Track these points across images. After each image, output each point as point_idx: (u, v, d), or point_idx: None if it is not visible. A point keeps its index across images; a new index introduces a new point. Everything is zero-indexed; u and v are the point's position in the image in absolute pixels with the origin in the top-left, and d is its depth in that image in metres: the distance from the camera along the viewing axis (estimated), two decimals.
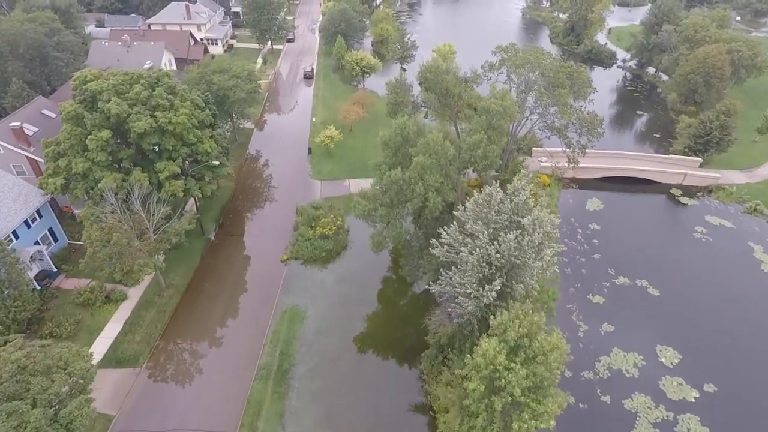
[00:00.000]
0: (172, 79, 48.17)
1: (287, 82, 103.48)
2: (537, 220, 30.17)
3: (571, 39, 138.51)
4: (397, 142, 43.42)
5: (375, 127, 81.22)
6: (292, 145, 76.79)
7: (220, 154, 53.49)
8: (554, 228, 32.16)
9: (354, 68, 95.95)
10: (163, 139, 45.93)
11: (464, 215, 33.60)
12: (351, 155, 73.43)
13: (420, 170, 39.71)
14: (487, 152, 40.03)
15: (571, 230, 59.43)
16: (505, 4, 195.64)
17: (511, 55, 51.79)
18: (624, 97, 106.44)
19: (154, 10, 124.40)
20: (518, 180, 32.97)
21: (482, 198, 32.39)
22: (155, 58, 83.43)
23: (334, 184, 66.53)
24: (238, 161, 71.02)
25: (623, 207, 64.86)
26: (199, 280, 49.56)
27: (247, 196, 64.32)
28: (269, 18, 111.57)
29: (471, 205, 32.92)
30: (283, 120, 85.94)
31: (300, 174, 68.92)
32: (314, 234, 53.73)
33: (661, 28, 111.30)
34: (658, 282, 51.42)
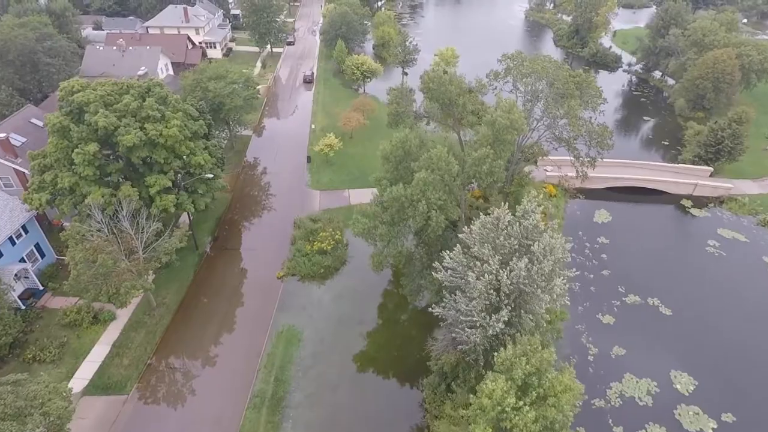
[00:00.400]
0: (164, 89, 46.19)
1: (287, 87, 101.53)
2: (548, 246, 28.08)
3: (576, 42, 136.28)
4: (398, 155, 41.37)
5: (376, 135, 79.47)
6: (291, 152, 74.78)
7: (214, 165, 51.50)
8: (566, 253, 30.06)
9: (354, 73, 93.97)
10: (154, 152, 43.95)
11: (470, 237, 31.53)
12: (351, 164, 71.42)
13: (422, 187, 37.63)
14: (493, 168, 37.95)
15: (579, 244, 57.28)
16: (507, 6, 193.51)
17: (517, 63, 49.67)
18: (630, 102, 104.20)
19: (152, 13, 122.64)
20: (528, 202, 30.91)
21: (490, 221, 30.34)
22: (151, 63, 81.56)
23: (334, 194, 64.50)
24: (235, 170, 69.05)
25: (632, 219, 62.71)
26: (192, 298, 47.54)
27: (243, 206, 62.31)
28: (269, 21, 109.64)
29: (477, 227, 30.87)
30: (282, 126, 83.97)
31: (298, 183, 66.89)
32: (312, 249, 51.70)
33: (668, 32, 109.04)
34: (670, 300, 49.26)
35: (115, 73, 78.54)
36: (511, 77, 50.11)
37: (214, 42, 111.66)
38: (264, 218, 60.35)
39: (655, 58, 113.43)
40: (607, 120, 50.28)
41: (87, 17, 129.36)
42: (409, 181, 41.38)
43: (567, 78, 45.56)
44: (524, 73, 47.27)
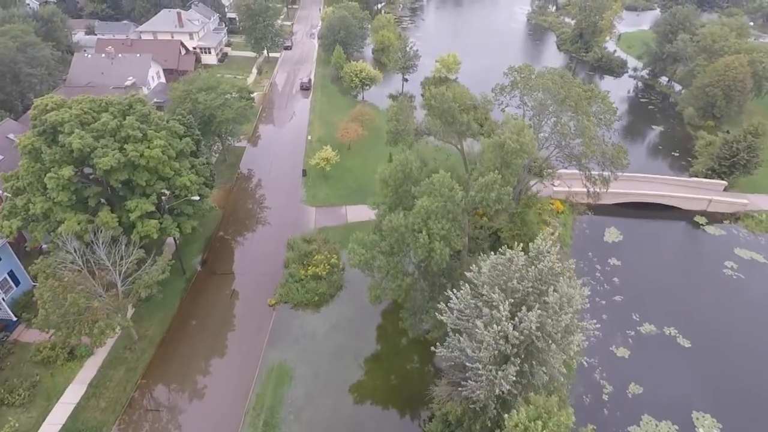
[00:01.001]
0: (146, 106, 43.05)
1: (283, 94, 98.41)
2: (565, 296, 24.98)
3: (580, 46, 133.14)
4: (398, 179, 38.29)
5: (375, 145, 76.33)
6: (286, 165, 71.63)
7: (203, 185, 48.41)
8: (584, 301, 26.94)
9: (353, 80, 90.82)
10: (135, 174, 40.85)
11: (478, 277, 28.42)
12: (348, 177, 68.29)
13: (424, 215, 34.54)
14: (501, 195, 34.83)
15: (589, 266, 54.18)
16: (509, 9, 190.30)
17: (524, 77, 46.51)
18: (637, 109, 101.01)
19: (146, 17, 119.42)
20: (542, 241, 27.83)
21: (501, 263, 27.24)
22: (141, 70, 78.48)
23: (330, 211, 61.38)
24: (227, 184, 65.92)
25: (644, 238, 59.55)
26: (177, 330, 44.42)
27: (235, 224, 59.19)
28: (265, 26, 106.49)
29: (487, 269, 27.75)
30: (278, 136, 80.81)
31: (293, 199, 63.74)
32: (306, 274, 48.58)
33: (676, 37, 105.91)
34: (688, 330, 46.15)
35: (103, 81, 75.57)
36: (518, 91, 46.93)
37: (208, 47, 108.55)
38: (256, 238, 57.19)
39: (662, 64, 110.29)
40: (614, 128, 47.04)
41: (79, 21, 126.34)
42: (409, 205, 38.39)
43: (580, 94, 42.43)
44: (532, 87, 44.12)
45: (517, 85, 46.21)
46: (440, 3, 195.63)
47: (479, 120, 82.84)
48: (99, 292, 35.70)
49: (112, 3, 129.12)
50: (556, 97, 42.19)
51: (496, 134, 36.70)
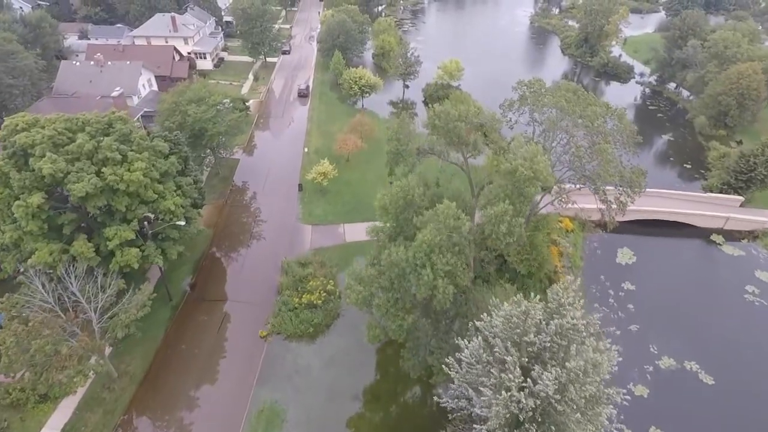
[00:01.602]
0: (128, 124, 39.88)
1: (280, 101, 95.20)
2: (590, 362, 21.81)
3: (585, 50, 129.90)
4: (399, 206, 35.14)
5: (374, 157, 73.13)
6: (282, 178, 68.43)
7: (191, 205, 45.33)
8: (613, 363, 23.75)
9: (352, 88, 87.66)
10: (114, 199, 37.73)
11: (490, 328, 25.25)
12: (347, 192, 65.12)
13: (427, 249, 31.37)
14: (512, 227, 31.70)
15: (601, 291, 51.03)
16: (511, 11, 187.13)
17: (534, 91, 43.32)
18: (646, 117, 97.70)
19: (140, 20, 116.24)
20: (563, 291, 24.63)
21: (516, 315, 24.08)
22: (131, 79, 75.36)
23: (327, 230, 58.21)
24: (219, 199, 62.76)
25: (659, 260, 56.36)
26: (161, 365, 41.26)
27: (226, 244, 56.01)
28: (262, 31, 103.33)
29: (501, 322, 24.59)
30: (273, 147, 77.56)
31: (288, 216, 60.56)
32: (300, 302, 45.40)
33: (685, 43, 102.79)
34: (710, 365, 42.98)
35: (91, 91, 72.46)
36: (528, 108, 43.71)
37: (204, 52, 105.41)
38: (249, 259, 53.97)
39: (671, 70, 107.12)
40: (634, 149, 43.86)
41: (72, 25, 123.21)
42: (411, 234, 35.27)
43: (596, 113, 39.23)
44: (544, 104, 40.92)
45: (527, 100, 43.00)
46: (441, 5, 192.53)
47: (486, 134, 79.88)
48: (73, 332, 32.53)
49: (106, 6, 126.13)
50: (570, 113, 39.00)
51: (507, 159, 33.48)
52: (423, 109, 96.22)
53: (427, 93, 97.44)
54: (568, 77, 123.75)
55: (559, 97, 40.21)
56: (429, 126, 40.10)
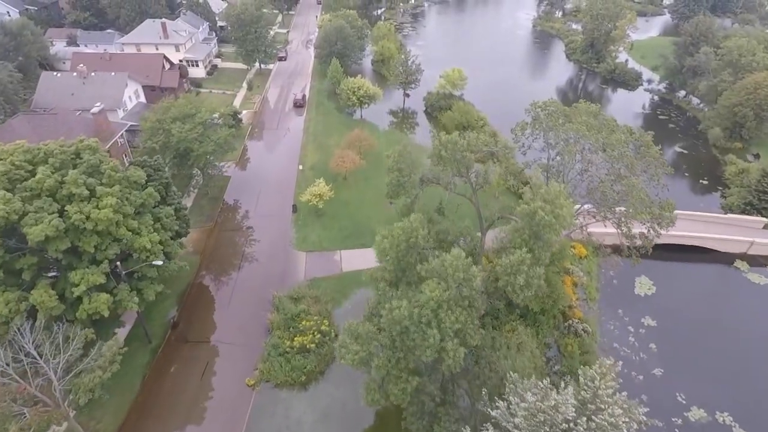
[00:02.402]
0: (97, 154, 35.72)
1: (275, 112, 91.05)
2: None
3: (591, 56, 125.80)
4: (401, 250, 31.05)
5: (374, 174, 69.06)
6: (275, 198, 64.28)
7: (173, 237, 41.24)
8: None
9: (350, 98, 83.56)
10: (82, 239, 33.61)
11: (507, 418, 21.14)
12: (344, 214, 60.99)
13: (434, 306, 27.31)
14: (530, 278, 27.67)
15: (620, 328, 46.94)
16: (513, 14, 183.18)
17: (550, 113, 39.23)
18: (656, 128, 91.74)
19: (131, 26, 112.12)
20: (600, 377, 20.48)
21: (544, 409, 19.99)
22: (116, 91, 71.19)
23: (323, 257, 54.07)
24: (207, 223, 58.62)
25: (680, 290, 52.28)
26: (137, 420, 37.13)
27: (214, 275, 51.87)
28: (257, 37, 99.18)
29: (523, 413, 20.52)
30: (267, 163, 73.33)
31: (281, 242, 56.43)
32: (292, 345, 41.26)
33: (697, 49, 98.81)
34: (745, 416, 38.93)
35: (73, 104, 68.33)
36: (541, 130, 39.63)
37: (196, 60, 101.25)
38: (237, 291, 49.80)
39: (681, 78, 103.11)
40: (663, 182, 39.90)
41: (61, 30, 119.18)
42: (414, 279, 31.23)
43: (622, 142, 35.19)
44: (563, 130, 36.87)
45: (541, 123, 38.95)
46: (442, 8, 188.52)
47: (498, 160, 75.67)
48: (31, 400, 28.39)
49: (95, 11, 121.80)
50: (592, 140, 35.00)
51: (525, 199, 29.44)
52: (424, 119, 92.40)
53: (428, 102, 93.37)
54: (573, 83, 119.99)
55: (579, 123, 36.13)
56: (435, 157, 35.96)
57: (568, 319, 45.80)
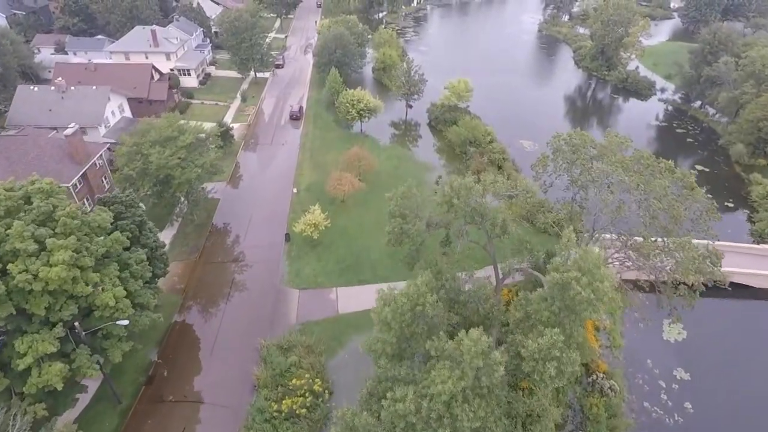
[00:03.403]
0: (51, 199, 30.70)
1: (270, 125, 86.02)
2: None
3: (601, 63, 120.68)
4: (405, 320, 26.01)
5: (374, 197, 63.88)
6: (267, 224, 59.28)
7: (146, 283, 36.25)
8: None
9: (350, 112, 78.51)
10: (30, 300, 28.62)
11: None
12: (341, 243, 55.95)
13: (447, 399, 22.28)
14: (563, 365, 22.61)
15: (650, 382, 41.83)
16: (518, 18, 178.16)
17: (575, 145, 34.15)
18: (673, 142, 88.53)
19: (122, 31, 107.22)
20: None
21: None
22: (97, 106, 66.24)
23: (317, 295, 49.03)
24: (192, 255, 53.63)
25: (713, 335, 47.21)
26: None
27: (196, 317, 46.84)
28: (252, 45, 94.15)
29: None
30: (259, 184, 68.22)
31: (272, 276, 51.41)
32: (280, 410, 36.22)
33: (716, 59, 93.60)
34: None
35: (50, 121, 63.63)
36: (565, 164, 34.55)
37: (187, 69, 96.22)
38: (222, 337, 44.74)
39: (699, 88, 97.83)
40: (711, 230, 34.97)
41: (49, 36, 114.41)
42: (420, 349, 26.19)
43: (665, 188, 30.16)
44: (595, 177, 31.76)
45: (564, 156, 33.85)
46: (444, 11, 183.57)
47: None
48: None
49: (85, 17, 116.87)
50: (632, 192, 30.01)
51: (554, 265, 24.40)
52: (428, 132, 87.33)
53: (432, 115, 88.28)
54: (582, 92, 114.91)
55: (615, 166, 31.00)
56: (445, 205, 30.87)
57: (592, 372, 40.71)
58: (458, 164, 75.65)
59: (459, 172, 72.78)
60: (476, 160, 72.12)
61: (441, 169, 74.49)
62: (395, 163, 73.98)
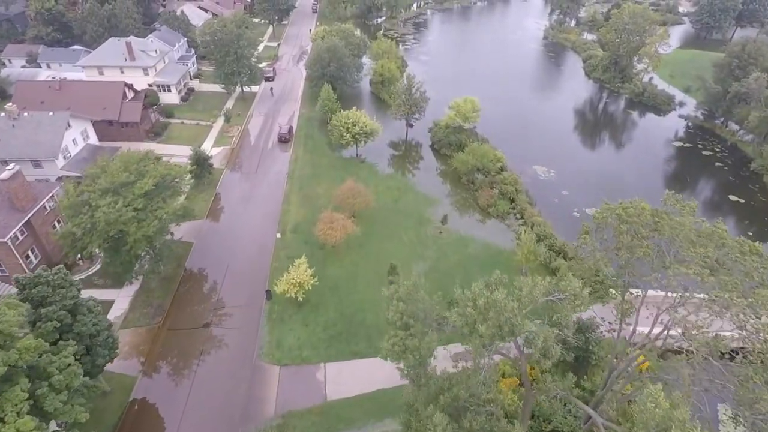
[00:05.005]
0: None
1: (256, 149, 77.83)
2: None
3: (614, 75, 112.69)
4: None
5: (371, 238, 56.13)
6: (245, 277, 50.99)
7: (67, 402, 28.04)
8: None
9: (343, 136, 70.38)
10: None
11: None
12: (332, 301, 47.88)
13: None
14: None
15: None
16: (521, 22, 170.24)
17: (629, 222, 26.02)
18: (700, 166, 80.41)
19: (99, 41, 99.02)
20: None
21: None
22: (53, 136, 58.04)
23: (301, 374, 40.86)
24: (155, 319, 45.41)
25: None
26: None
27: (152, 407, 38.61)
28: (237, 58, 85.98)
29: None
30: (239, 223, 59.85)
31: (248, 346, 43.23)
32: None
33: (745, 74, 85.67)
34: None
35: None
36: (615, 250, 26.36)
37: (167, 84, 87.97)
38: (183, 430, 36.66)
39: (725, 105, 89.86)
40: None
41: (21, 47, 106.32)
42: None
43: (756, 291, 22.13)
44: (676, 272, 23.53)
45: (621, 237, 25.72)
46: (445, 16, 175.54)
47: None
48: None
49: (59, 26, 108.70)
50: (727, 308, 22.04)
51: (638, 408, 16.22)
52: (430, 154, 79.27)
53: (435, 137, 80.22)
54: (593, 105, 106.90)
55: (697, 268, 22.68)
56: (466, 328, 22.63)
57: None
58: (464, 194, 67.70)
59: (467, 205, 65.11)
60: (485, 193, 64.05)
61: (445, 200, 66.49)
62: (395, 196, 65.88)
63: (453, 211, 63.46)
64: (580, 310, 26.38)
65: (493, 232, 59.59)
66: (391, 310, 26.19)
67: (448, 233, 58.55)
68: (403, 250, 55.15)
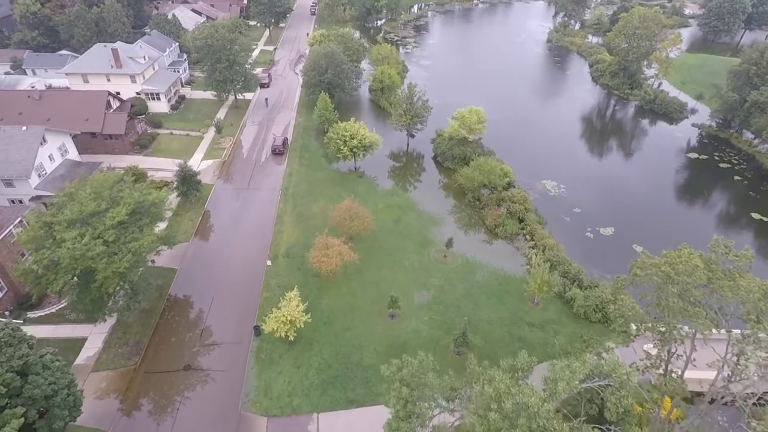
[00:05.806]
0: None
1: (249, 162, 73.44)
2: None
3: (623, 81, 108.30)
4: None
5: (369, 265, 51.80)
6: (232, 311, 46.56)
7: None
8: None
9: (341, 150, 66.07)
10: None
11: None
12: (326, 338, 43.54)
13: None
14: None
15: None
16: (524, 24, 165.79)
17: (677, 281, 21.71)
18: (716, 179, 75.96)
19: (87, 46, 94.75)
20: None
21: None
22: (26, 153, 53.69)
23: (292, 427, 36.49)
24: (131, 359, 41.10)
25: None
26: None
27: None
28: (229, 65, 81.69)
29: None
30: (227, 247, 55.24)
31: (233, 392, 38.86)
32: None
33: (764, 81, 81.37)
34: None
35: None
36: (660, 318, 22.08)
37: (156, 92, 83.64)
38: None
39: (742, 114, 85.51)
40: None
41: (5, 52, 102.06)
42: None
43: None
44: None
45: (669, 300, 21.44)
46: (447, 19, 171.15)
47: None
48: None
49: (46, 30, 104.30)
50: None
51: None
52: (433, 167, 74.96)
53: (438, 149, 75.95)
54: (601, 112, 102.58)
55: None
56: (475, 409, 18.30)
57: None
58: (469, 211, 63.42)
59: (472, 225, 60.81)
60: (492, 212, 59.72)
61: (449, 218, 62.18)
62: (396, 215, 61.53)
63: (458, 231, 59.18)
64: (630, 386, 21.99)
65: (501, 255, 55.25)
66: (392, 396, 21.80)
67: (453, 257, 54.22)
68: (405, 278, 50.83)
